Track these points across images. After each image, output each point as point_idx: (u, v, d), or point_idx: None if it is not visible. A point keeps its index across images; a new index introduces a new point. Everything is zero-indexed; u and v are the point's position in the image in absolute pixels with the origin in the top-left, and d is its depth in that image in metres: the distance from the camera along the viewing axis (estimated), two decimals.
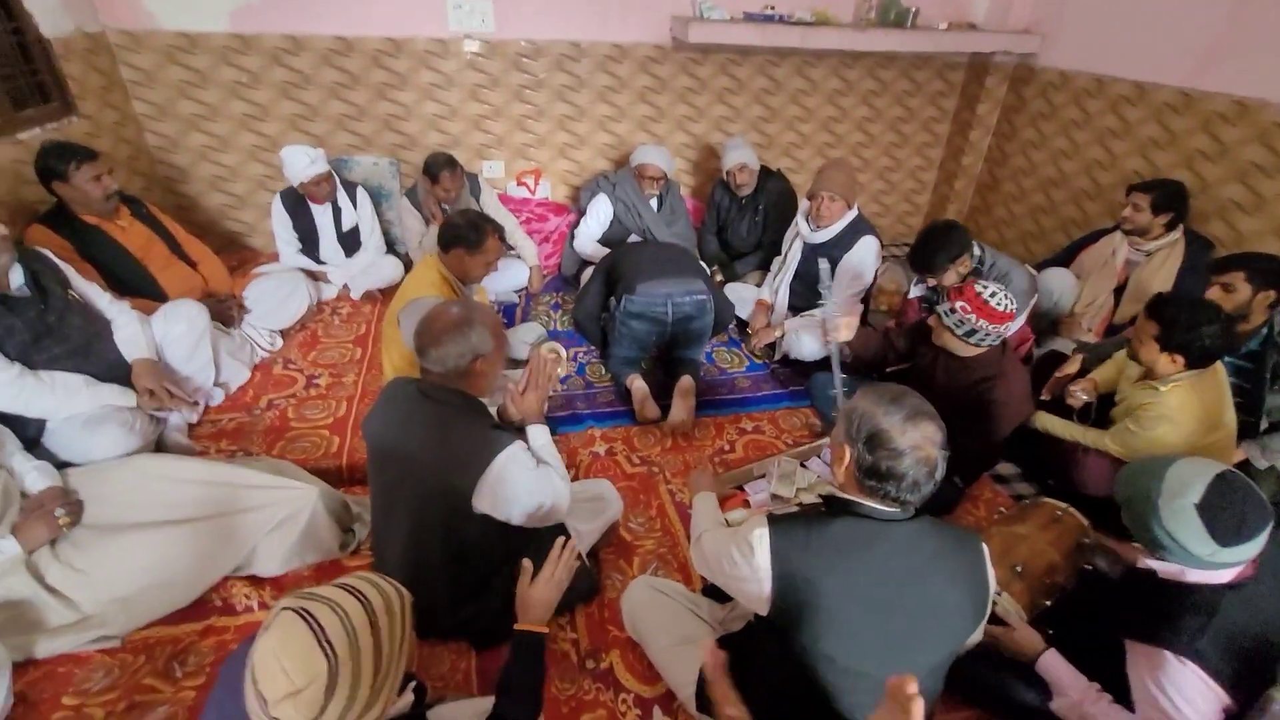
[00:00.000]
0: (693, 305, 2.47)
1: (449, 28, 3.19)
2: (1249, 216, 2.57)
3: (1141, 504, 1.20)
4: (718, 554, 1.25)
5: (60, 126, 2.58)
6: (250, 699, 0.76)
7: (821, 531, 1.10)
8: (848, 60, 3.71)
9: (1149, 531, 1.19)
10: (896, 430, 1.04)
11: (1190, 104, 2.75)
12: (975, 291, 1.82)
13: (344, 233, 3.06)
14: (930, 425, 1.06)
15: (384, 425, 1.48)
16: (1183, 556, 1.16)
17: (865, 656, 1.08)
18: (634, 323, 2.46)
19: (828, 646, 1.08)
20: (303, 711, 0.74)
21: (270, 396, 2.44)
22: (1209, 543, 1.13)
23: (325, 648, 0.76)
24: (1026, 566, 1.49)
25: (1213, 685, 1.10)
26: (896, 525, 1.09)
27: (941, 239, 2.23)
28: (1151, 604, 1.19)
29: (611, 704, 1.50)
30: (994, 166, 3.92)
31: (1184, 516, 1.14)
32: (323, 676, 0.75)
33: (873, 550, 1.07)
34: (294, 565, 1.77)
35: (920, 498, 1.07)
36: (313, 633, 0.76)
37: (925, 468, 1.04)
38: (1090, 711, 1.25)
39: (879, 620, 1.06)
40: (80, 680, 1.50)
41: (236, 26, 3.03)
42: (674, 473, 2.22)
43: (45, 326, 1.87)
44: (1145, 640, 1.17)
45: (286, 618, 0.78)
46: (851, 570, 1.07)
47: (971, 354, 1.91)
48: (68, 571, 1.59)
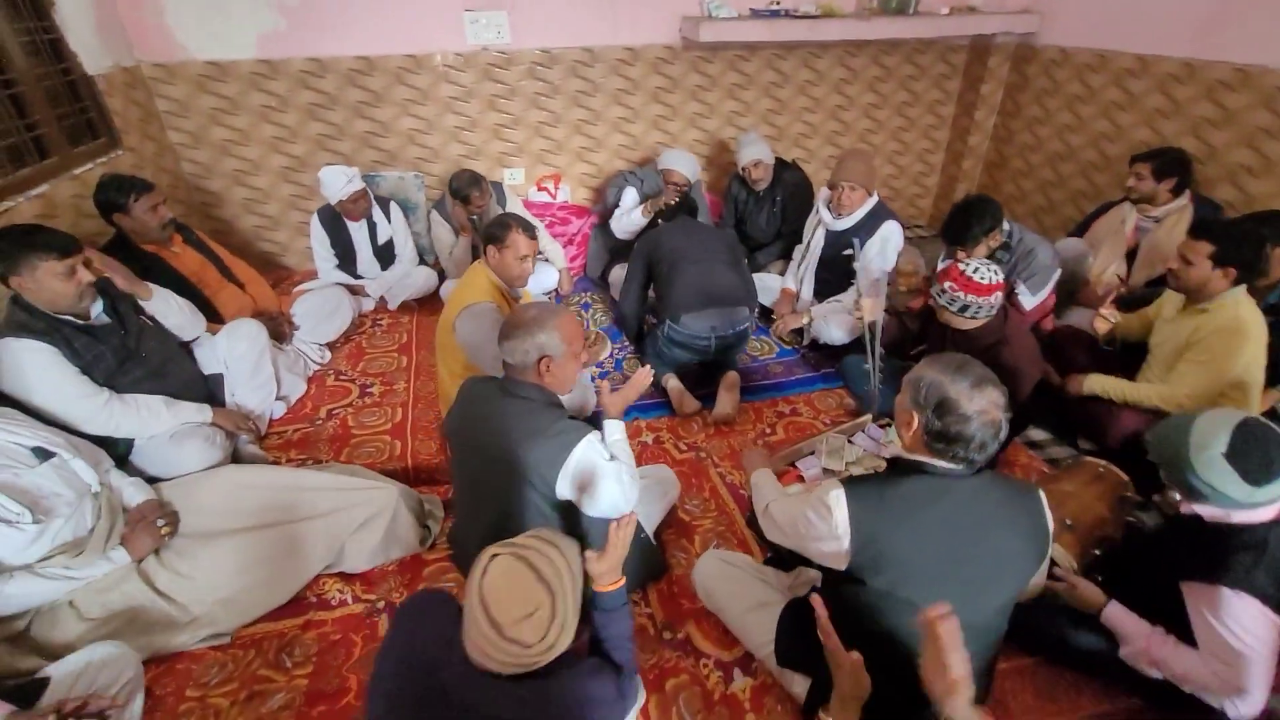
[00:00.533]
0: (735, 336, 2.55)
1: (467, 41, 3.30)
2: (1258, 179, 2.66)
3: (1175, 460, 1.30)
4: (792, 519, 1.36)
5: (109, 160, 2.69)
6: (481, 628, 0.92)
7: (894, 490, 1.21)
8: (852, 49, 3.80)
9: (1187, 484, 1.29)
10: (964, 397, 1.14)
11: (1193, 73, 2.84)
12: (959, 270, 1.92)
13: (379, 246, 3.17)
14: (994, 391, 1.16)
15: (466, 420, 1.58)
16: (1224, 501, 1.26)
17: (942, 598, 1.18)
18: (677, 350, 2.55)
19: (905, 591, 1.18)
20: (536, 631, 0.93)
21: (328, 406, 2.56)
22: (1243, 486, 1.22)
23: (545, 584, 0.96)
24: (1077, 520, 1.59)
25: (1269, 613, 1.20)
26: (962, 480, 1.19)
27: (977, 211, 2.32)
28: (1204, 547, 1.29)
29: (693, 669, 1.61)
30: (1001, 145, 4.01)
31: (1216, 466, 1.23)
32: (547, 603, 0.94)
33: (941, 504, 1.18)
34: (379, 561, 1.88)
35: (986, 456, 1.18)
36: (532, 570, 0.96)
37: (991, 429, 1.15)
38: (1159, 655, 1.34)
39: (951, 567, 1.17)
40: (198, 675, 1.61)
41: (263, 53, 3.13)
42: (721, 456, 2.33)
43: (127, 351, 1.99)
44: (1203, 580, 1.27)
45: (505, 561, 0.96)
46: (923, 523, 1.17)
47: (972, 327, 2.00)
48: (174, 577, 1.70)
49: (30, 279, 1.74)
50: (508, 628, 0.92)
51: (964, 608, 1.18)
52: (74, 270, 1.79)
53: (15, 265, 1.72)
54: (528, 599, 0.93)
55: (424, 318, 3.23)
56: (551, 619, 0.95)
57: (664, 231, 2.69)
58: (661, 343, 2.58)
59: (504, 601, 0.93)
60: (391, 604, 1.79)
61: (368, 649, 1.68)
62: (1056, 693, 1.53)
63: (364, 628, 1.73)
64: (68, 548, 1.59)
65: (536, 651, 0.94)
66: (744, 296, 2.58)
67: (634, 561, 1.73)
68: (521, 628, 0.92)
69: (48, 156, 2.40)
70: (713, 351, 2.56)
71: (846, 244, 2.73)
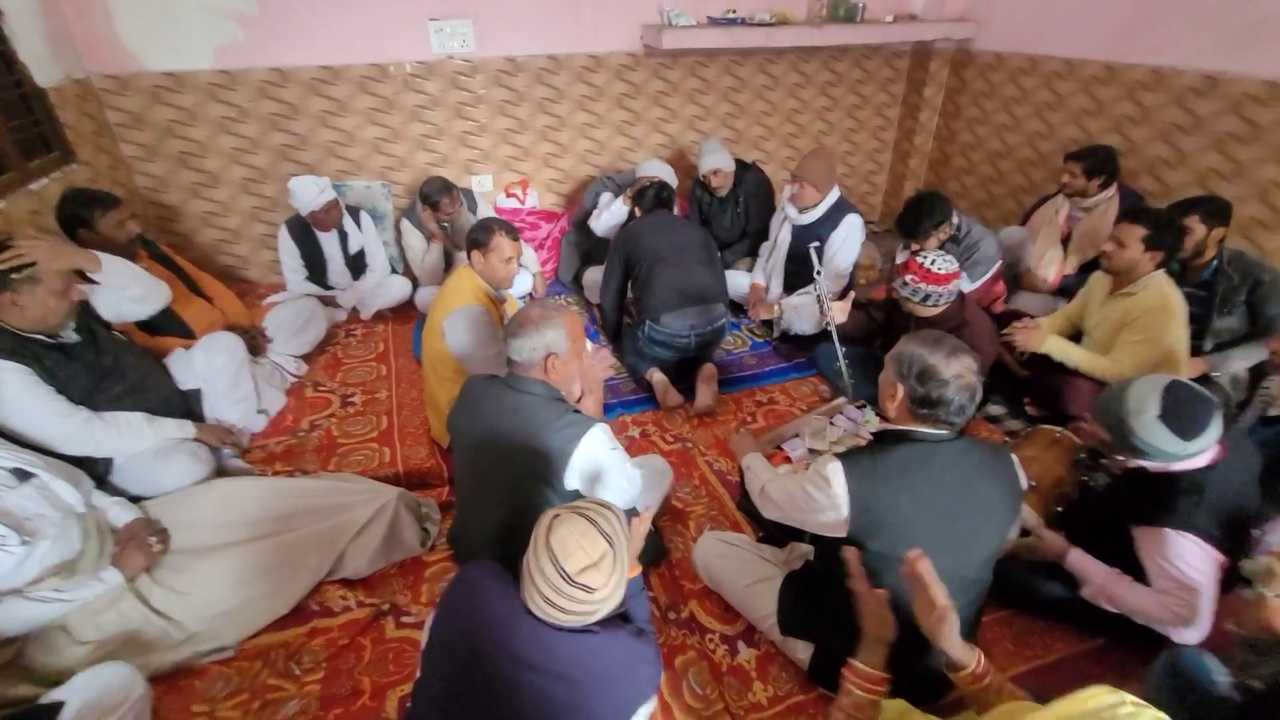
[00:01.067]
0: (714, 332, 2.66)
1: (432, 50, 3.31)
2: (1174, 170, 2.93)
3: (1118, 426, 1.44)
4: (790, 496, 1.46)
5: (64, 174, 2.60)
6: (549, 578, 1.02)
7: (885, 458, 1.32)
8: (804, 55, 3.98)
9: (1131, 445, 1.43)
10: (942, 364, 1.27)
11: (1114, 75, 3.11)
12: (918, 263, 2.08)
13: (351, 256, 3.15)
14: (967, 358, 1.29)
15: (472, 418, 1.62)
16: (1163, 456, 1.42)
17: (935, 557, 1.27)
18: (658, 348, 2.65)
19: (902, 550, 1.28)
20: (600, 577, 1.04)
21: (311, 418, 2.53)
22: (1177, 442, 1.37)
23: (605, 536, 1.06)
24: (1039, 481, 1.75)
25: (1208, 549, 1.36)
26: (946, 445, 1.31)
27: (927, 207, 2.52)
28: (1150, 494, 1.44)
29: (700, 645, 1.68)
30: (944, 144, 4.27)
31: (1152, 427, 1.38)
32: (610, 554, 1.05)
33: (930, 466, 1.29)
34: (380, 565, 1.89)
35: (965, 419, 1.30)
36: (593, 525, 1.07)
37: (968, 392, 1.27)
38: (1114, 591, 1.50)
39: (943, 525, 1.29)
40: (203, 690, 1.59)
41: (221, 63, 3.08)
42: (707, 446, 2.42)
43: (103, 368, 1.94)
44: (1149, 523, 1.42)
45: (569, 517, 1.06)
46: (915, 485, 1.29)
47: (934, 314, 2.16)
48: (170, 594, 1.67)
49: (30, 296, 1.71)
50: (576, 575, 1.02)
51: (955, 561, 1.30)
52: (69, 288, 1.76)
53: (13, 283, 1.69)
54: (593, 548, 1.04)
55: (399, 326, 3.22)
56: (614, 568, 1.05)
57: (641, 228, 2.77)
58: (642, 342, 2.66)
59: (573, 551, 1.03)
60: (397, 606, 1.80)
61: (377, 651, 1.69)
62: (1031, 639, 1.67)
63: (371, 631, 1.74)
64: (58, 570, 1.55)
65: (599, 598, 1.04)
66: (720, 294, 2.70)
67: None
68: (589, 574, 1.03)
69: (3, 171, 2.32)
70: (692, 348, 2.66)
71: (813, 236, 2.87)
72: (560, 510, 1.10)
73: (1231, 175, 2.72)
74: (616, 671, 1.09)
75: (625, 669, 1.10)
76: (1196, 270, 2.32)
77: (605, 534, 1.07)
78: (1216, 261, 2.28)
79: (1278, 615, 1.11)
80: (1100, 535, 1.59)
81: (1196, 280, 2.32)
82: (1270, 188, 2.59)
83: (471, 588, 1.14)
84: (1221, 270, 2.27)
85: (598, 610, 1.06)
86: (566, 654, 1.05)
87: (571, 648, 1.06)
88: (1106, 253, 2.18)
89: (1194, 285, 2.32)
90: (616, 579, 1.06)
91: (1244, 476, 1.42)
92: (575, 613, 1.05)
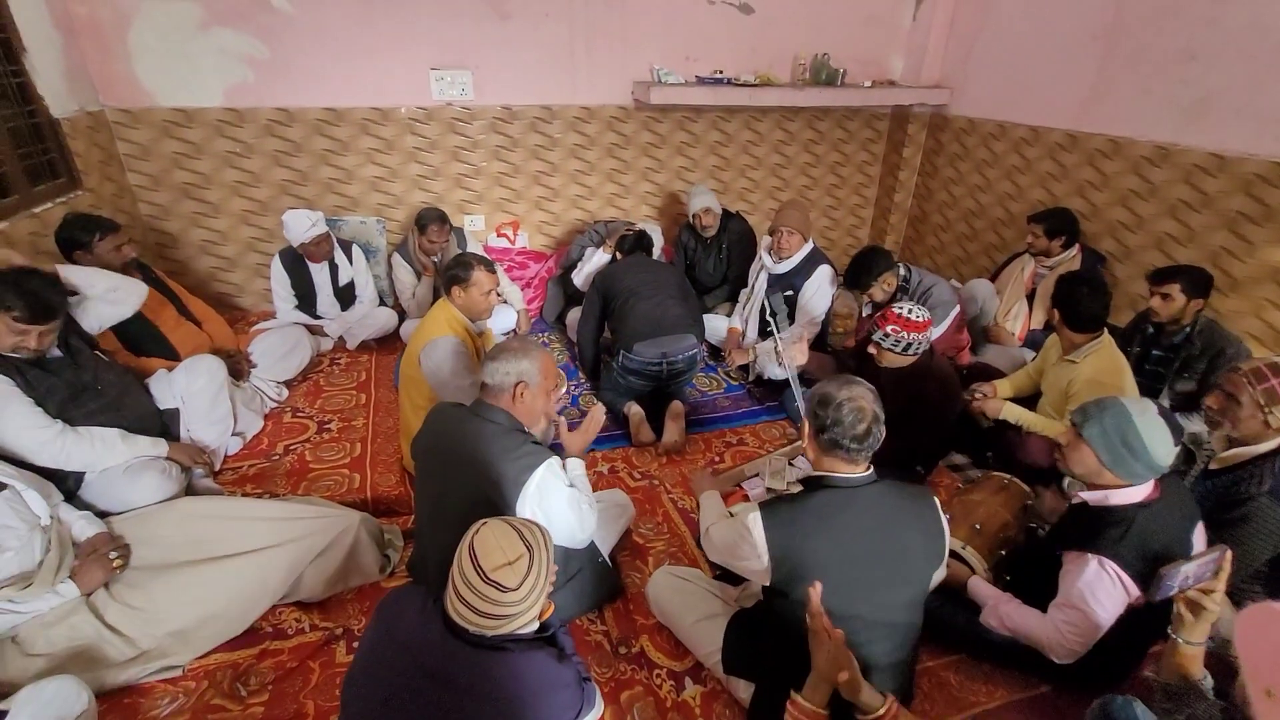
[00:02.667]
0: (685, 361, 2.75)
1: (432, 96, 3.50)
2: (1132, 233, 3.07)
3: (1119, 422, 1.41)
4: (725, 541, 1.49)
5: (68, 200, 2.72)
6: (466, 575, 1.08)
7: (803, 506, 1.36)
8: (789, 114, 4.19)
9: (1128, 443, 1.39)
10: (835, 390, 1.35)
11: (1075, 143, 3.28)
12: (896, 313, 2.19)
13: (340, 287, 3.25)
14: (860, 387, 1.36)
15: (434, 441, 1.67)
16: (1148, 463, 1.39)
17: (854, 602, 1.31)
18: (631, 378, 2.74)
19: (824, 599, 1.31)
20: (514, 577, 1.08)
21: (286, 442, 2.57)
22: (1169, 443, 1.39)
23: (524, 540, 1.12)
24: (984, 525, 1.78)
25: (1125, 580, 1.38)
26: (863, 489, 1.35)
27: (868, 261, 2.73)
28: (1083, 524, 1.48)
29: (647, 680, 1.68)
30: (921, 201, 4.44)
31: (1155, 423, 1.39)
32: (525, 556, 1.11)
33: (847, 513, 1.33)
34: (338, 589, 1.90)
35: (867, 448, 1.33)
36: (515, 531, 1.13)
37: (858, 415, 1.31)
38: (1004, 610, 1.56)
39: (861, 570, 1.31)
40: (147, 708, 1.59)
41: (231, 102, 3.25)
42: (673, 484, 2.45)
43: (81, 384, 2.00)
44: (1077, 548, 1.45)
45: (494, 522, 1.12)
46: (832, 532, 1.31)
47: (908, 363, 2.25)
48: (125, 610, 1.68)
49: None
50: (491, 571, 1.07)
51: (875, 606, 1.33)
52: (29, 334, 1.80)
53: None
54: (511, 549, 1.10)
55: (382, 357, 3.30)
56: (528, 571, 1.10)
57: (619, 268, 2.89)
58: (617, 373, 2.74)
59: (491, 550, 1.09)
60: (350, 630, 1.81)
61: (325, 675, 1.69)
62: (974, 685, 1.67)
63: (321, 655, 1.74)
64: (14, 580, 1.57)
65: (512, 600, 1.08)
66: (691, 325, 2.80)
67: (591, 583, 1.83)
68: (503, 572, 1.08)
69: (8, 194, 2.44)
70: (664, 377, 2.74)
71: (787, 285, 2.97)
72: (489, 519, 1.16)
73: (1185, 240, 2.85)
74: (533, 693, 1.10)
75: (543, 691, 1.12)
76: (1169, 334, 2.41)
77: (526, 542, 1.12)
78: (1189, 329, 2.37)
79: (1188, 660, 1.14)
80: (1042, 579, 1.62)
81: (1168, 343, 2.41)
82: (1221, 253, 2.71)
83: (393, 612, 1.17)
84: (1189, 337, 2.35)
85: (511, 617, 1.09)
86: (482, 671, 1.07)
87: (488, 665, 1.08)
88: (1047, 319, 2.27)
89: (1164, 348, 2.42)
90: (532, 585, 1.10)
91: (1176, 521, 1.45)
92: (489, 615, 1.08)
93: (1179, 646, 1.15)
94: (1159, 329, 2.43)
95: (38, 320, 1.80)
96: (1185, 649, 1.15)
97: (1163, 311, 2.34)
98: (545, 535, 1.19)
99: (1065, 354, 2.28)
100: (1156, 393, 2.44)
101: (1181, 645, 1.15)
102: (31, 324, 1.79)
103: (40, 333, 1.82)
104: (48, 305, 1.82)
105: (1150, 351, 2.47)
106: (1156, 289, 2.37)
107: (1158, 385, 2.46)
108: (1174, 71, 2.80)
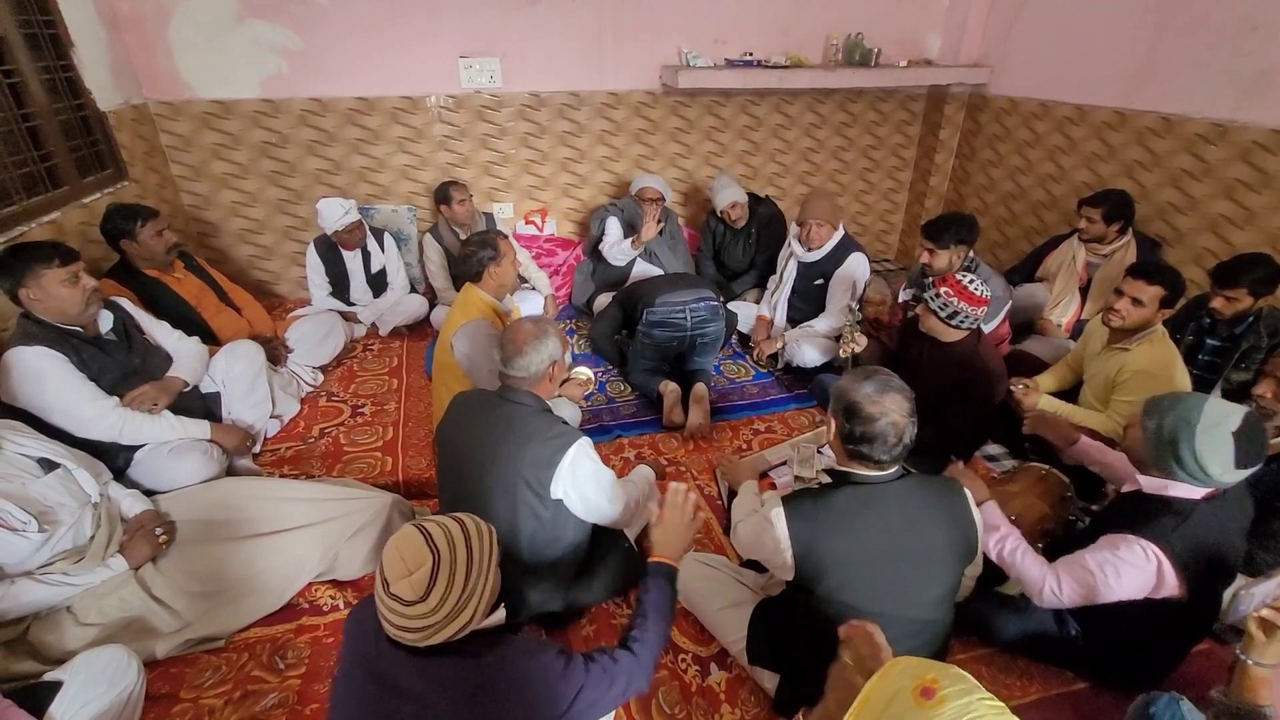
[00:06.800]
0: (707, 309, 2.77)
1: (461, 85, 3.51)
2: (1184, 216, 2.92)
3: (1178, 426, 1.32)
4: (751, 535, 1.48)
5: (115, 191, 2.81)
6: (377, 587, 1.00)
7: (827, 502, 1.32)
8: (820, 96, 4.09)
9: (1175, 450, 1.32)
10: (868, 401, 1.27)
11: (1124, 121, 3.13)
12: (956, 279, 2.12)
13: (373, 275, 3.31)
14: (897, 396, 1.28)
15: (460, 428, 1.69)
16: (1194, 474, 1.31)
17: (879, 599, 1.28)
18: (656, 331, 2.75)
19: (846, 596, 1.29)
20: (414, 590, 0.97)
21: (321, 425, 2.64)
22: (1228, 466, 1.28)
23: (431, 547, 1.00)
24: (1021, 516, 1.73)
25: (1166, 569, 1.31)
26: (888, 486, 1.31)
27: (960, 221, 2.60)
28: (1136, 511, 1.40)
29: (672, 664, 1.69)
30: (959, 185, 4.30)
31: (1220, 440, 1.28)
32: (428, 565, 0.98)
33: (871, 510, 1.29)
34: (371, 568, 1.95)
35: (894, 458, 1.28)
36: (422, 536, 1.02)
37: (895, 431, 1.26)
38: (1010, 544, 1.50)
39: (885, 568, 1.28)
40: (192, 678, 1.66)
41: (266, 93, 3.31)
42: (699, 470, 2.44)
43: (132, 367, 2.08)
44: (1121, 530, 1.37)
45: (406, 528, 1.03)
46: (855, 530, 1.29)
47: (954, 338, 2.17)
48: (171, 584, 1.76)
49: (37, 289, 1.84)
50: (391, 584, 0.97)
51: (901, 605, 1.29)
52: (77, 276, 1.90)
53: (21, 277, 1.83)
54: (413, 559, 0.98)
55: (413, 343, 3.35)
56: (430, 581, 0.97)
57: (638, 284, 2.96)
58: (641, 334, 2.78)
59: (392, 563, 0.99)
60: None
61: None
62: (1009, 679, 1.64)
63: None
64: (68, 555, 1.65)
65: (416, 612, 0.96)
66: (709, 284, 2.88)
67: (617, 567, 1.84)
68: (401, 585, 0.96)
69: (59, 186, 2.53)
70: (688, 327, 2.75)
71: (818, 273, 2.92)
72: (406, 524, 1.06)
73: (1242, 222, 2.70)
74: (507, 690, 1.03)
75: (511, 692, 1.03)
76: (1228, 324, 2.30)
77: (433, 545, 1.00)
78: (1252, 318, 2.25)
79: (1259, 683, 1.08)
80: None
81: (1226, 334, 2.30)
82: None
83: (356, 620, 1.12)
84: (1253, 328, 2.24)
85: (432, 627, 0.98)
86: (421, 673, 1.01)
87: (427, 668, 1.01)
88: (1118, 310, 2.10)
89: (1221, 338, 2.31)
90: (443, 595, 0.98)
91: (1230, 523, 1.38)
92: (406, 629, 0.98)
93: (1249, 669, 1.08)
94: (1215, 321, 2.32)
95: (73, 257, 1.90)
96: (1256, 671, 1.08)
97: (1226, 311, 2.24)
98: (469, 531, 1.05)
99: (1116, 340, 2.18)
100: (1210, 384, 2.34)
101: (1251, 667, 1.08)
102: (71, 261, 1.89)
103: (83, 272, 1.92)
104: None
105: (1205, 341, 2.36)
106: (1221, 292, 2.24)
107: (1211, 376, 2.35)
108: (1233, 43, 2.64)
